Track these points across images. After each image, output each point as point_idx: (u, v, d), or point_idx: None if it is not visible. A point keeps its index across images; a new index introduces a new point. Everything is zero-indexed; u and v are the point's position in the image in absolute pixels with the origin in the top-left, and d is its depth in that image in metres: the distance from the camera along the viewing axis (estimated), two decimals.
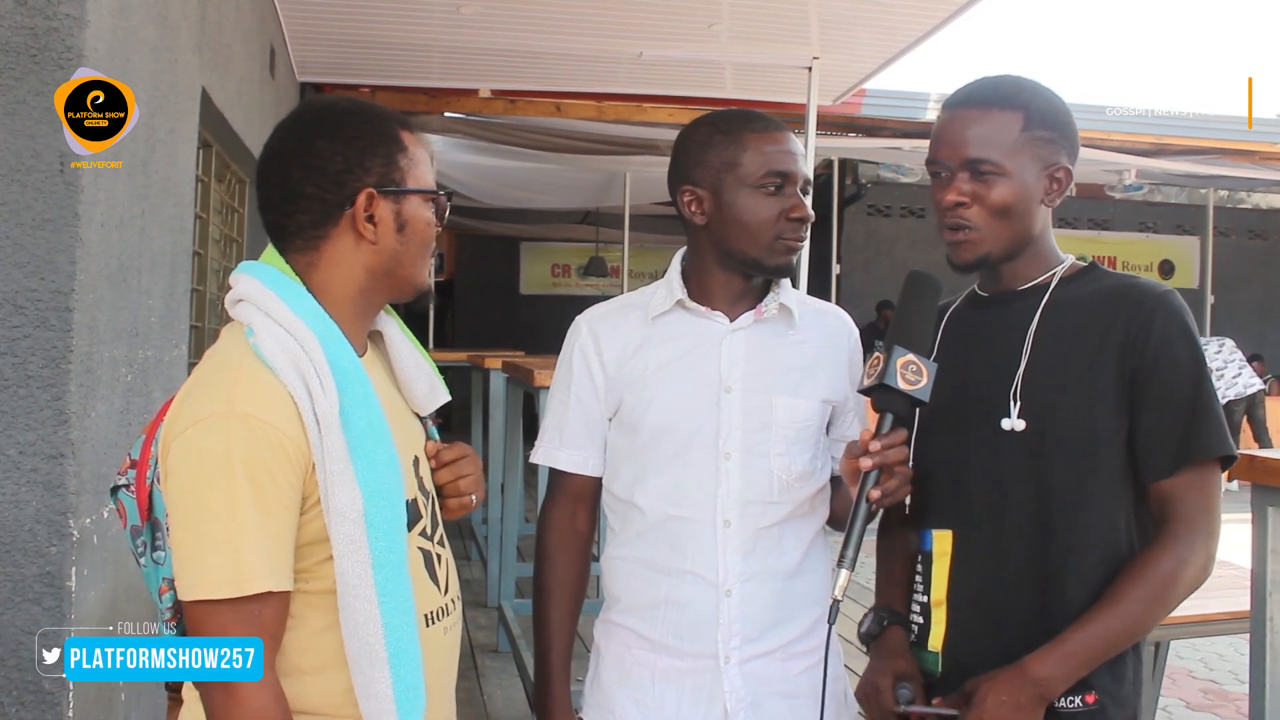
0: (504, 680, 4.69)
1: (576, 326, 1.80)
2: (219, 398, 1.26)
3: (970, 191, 1.51)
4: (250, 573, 1.22)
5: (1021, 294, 1.56)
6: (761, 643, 1.68)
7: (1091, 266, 1.59)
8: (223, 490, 1.22)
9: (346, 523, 1.27)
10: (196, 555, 1.23)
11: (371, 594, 1.27)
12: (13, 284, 1.99)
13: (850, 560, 1.43)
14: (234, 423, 1.24)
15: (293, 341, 1.30)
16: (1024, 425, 1.48)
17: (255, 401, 1.25)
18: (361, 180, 1.35)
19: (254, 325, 1.31)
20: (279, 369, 1.27)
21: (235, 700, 1.22)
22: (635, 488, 1.71)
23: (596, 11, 5.51)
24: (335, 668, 1.30)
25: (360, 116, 1.39)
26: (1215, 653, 5.30)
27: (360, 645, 1.27)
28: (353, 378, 1.32)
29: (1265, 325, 13.37)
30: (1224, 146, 9.31)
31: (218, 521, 1.22)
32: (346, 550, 1.27)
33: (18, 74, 1.99)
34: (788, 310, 1.73)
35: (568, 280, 14.84)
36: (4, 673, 1.97)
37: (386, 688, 1.28)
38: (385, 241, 1.37)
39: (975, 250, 1.53)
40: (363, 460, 1.29)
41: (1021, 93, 1.53)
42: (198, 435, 1.24)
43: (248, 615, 1.22)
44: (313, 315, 1.33)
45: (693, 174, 1.71)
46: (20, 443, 1.99)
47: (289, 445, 1.25)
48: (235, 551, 1.22)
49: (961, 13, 5.28)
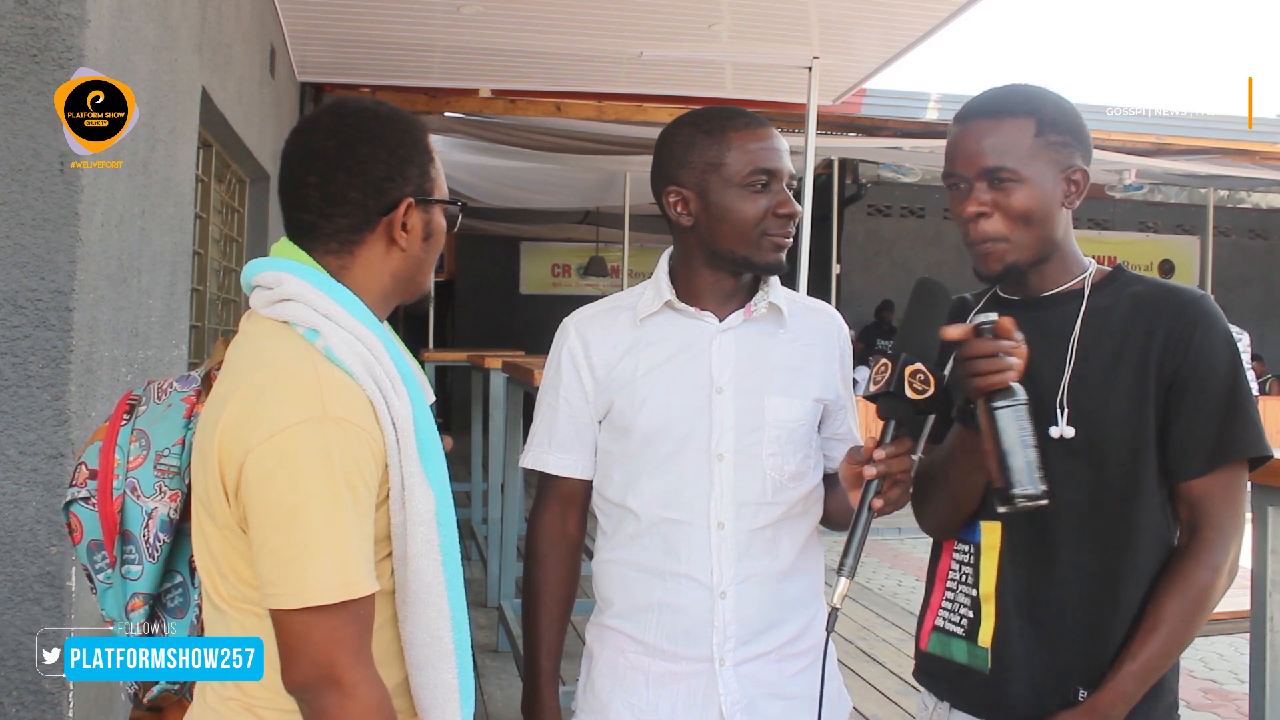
0: (504, 680, 4.69)
1: (564, 329, 1.79)
2: (309, 402, 1.24)
3: (990, 201, 1.51)
4: (356, 576, 1.22)
5: (1055, 299, 1.56)
6: (756, 644, 1.68)
7: (1119, 270, 1.59)
8: (325, 495, 1.22)
9: (422, 523, 1.30)
10: (299, 560, 1.21)
11: (442, 589, 1.32)
12: (13, 284, 1.99)
13: (850, 568, 1.42)
14: (330, 426, 1.23)
15: (360, 345, 1.31)
16: (1074, 432, 1.48)
17: (345, 405, 1.26)
18: (402, 189, 1.38)
19: (319, 328, 1.30)
20: (356, 373, 1.28)
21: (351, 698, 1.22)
22: (628, 491, 1.70)
23: (596, 11, 5.51)
24: (386, 663, 1.32)
25: (400, 124, 1.41)
26: (1215, 653, 5.30)
27: (430, 639, 1.32)
28: (415, 382, 1.36)
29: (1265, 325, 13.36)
30: (1224, 146, 9.30)
31: (322, 527, 1.21)
32: (423, 549, 1.31)
33: (18, 74, 1.99)
34: (777, 309, 1.73)
35: (568, 280, 14.84)
36: (4, 673, 1.97)
37: (452, 678, 1.34)
38: (414, 249, 1.40)
39: (1003, 260, 1.53)
40: (430, 462, 1.33)
41: (1031, 99, 1.54)
42: (291, 441, 1.22)
43: (355, 617, 1.23)
44: (369, 320, 1.34)
45: (677, 175, 1.70)
46: (20, 443, 1.99)
47: (376, 449, 1.27)
48: (342, 556, 1.21)
49: (961, 12, 5.28)
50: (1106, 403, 1.49)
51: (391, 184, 1.37)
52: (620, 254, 10.69)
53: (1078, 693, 1.49)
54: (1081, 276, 1.57)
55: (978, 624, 1.55)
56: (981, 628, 1.55)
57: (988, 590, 1.54)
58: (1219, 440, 1.47)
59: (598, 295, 1.94)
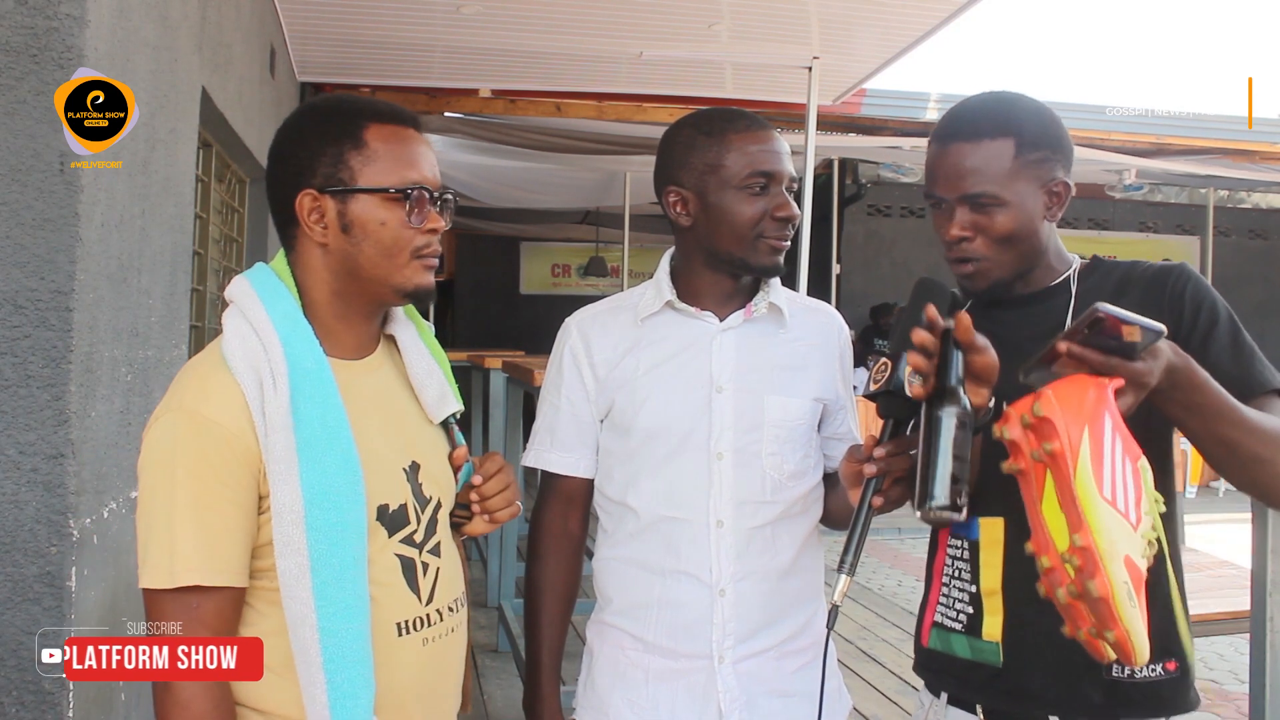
0: (504, 680, 4.69)
1: (566, 328, 1.80)
2: (175, 396, 1.30)
3: (972, 223, 1.53)
4: (183, 565, 1.24)
5: (1044, 294, 1.58)
6: (755, 642, 1.68)
7: (1098, 260, 1.62)
8: (165, 484, 1.26)
9: (285, 523, 1.27)
10: (144, 545, 1.27)
11: (308, 596, 1.26)
12: (13, 284, 1.99)
13: (850, 565, 1.42)
14: (181, 419, 1.27)
15: (256, 340, 1.31)
16: None
17: (205, 399, 1.28)
18: (308, 181, 1.36)
19: (227, 326, 1.34)
20: (235, 368, 1.30)
21: (170, 693, 1.25)
22: (628, 489, 1.71)
23: (596, 11, 5.51)
24: (286, 671, 1.30)
25: (324, 115, 1.39)
26: (1215, 653, 5.30)
27: (299, 647, 1.28)
28: (312, 377, 1.31)
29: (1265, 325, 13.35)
30: (1224, 146, 9.30)
31: (160, 514, 1.26)
32: (284, 550, 1.27)
33: (18, 74, 1.99)
34: (777, 309, 1.73)
35: (568, 280, 14.83)
36: (4, 673, 1.97)
37: (322, 693, 1.26)
38: (335, 243, 1.37)
39: (987, 279, 1.56)
40: (310, 461, 1.28)
41: (1011, 118, 1.53)
42: (152, 432, 1.29)
43: (184, 606, 1.25)
44: (284, 315, 1.34)
45: (677, 175, 1.71)
46: (20, 443, 1.99)
47: (234, 442, 1.27)
48: (171, 543, 1.25)
49: (961, 12, 5.27)
50: None
51: (299, 177, 1.36)
52: (620, 254, 10.69)
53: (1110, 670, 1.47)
54: (1066, 273, 1.60)
55: (979, 619, 1.55)
56: (986, 622, 1.55)
57: (991, 586, 1.54)
58: (1245, 380, 1.46)
59: (598, 295, 1.94)
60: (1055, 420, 1.19)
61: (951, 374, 1.35)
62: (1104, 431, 1.20)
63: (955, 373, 1.36)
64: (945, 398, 1.34)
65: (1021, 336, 1.51)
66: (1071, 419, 1.19)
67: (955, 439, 1.32)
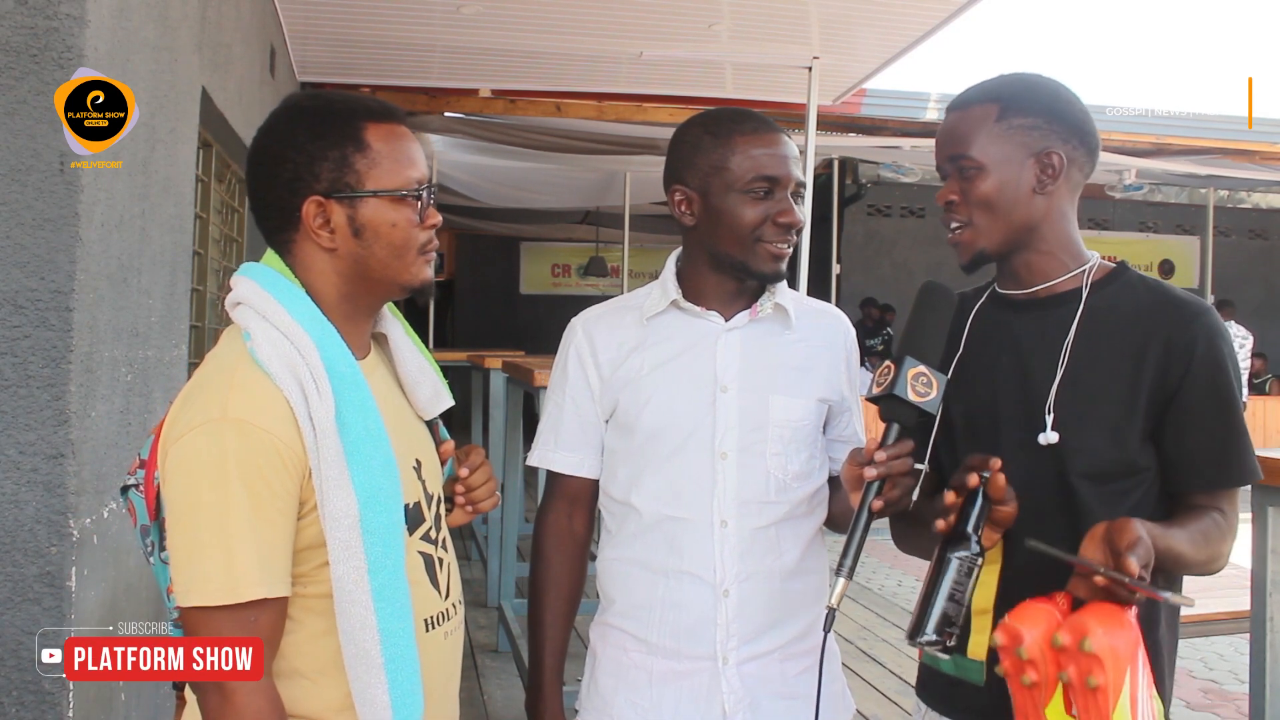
0: (504, 680, 4.69)
1: (572, 328, 1.80)
2: (214, 404, 1.25)
3: (958, 189, 1.53)
4: (244, 580, 1.22)
5: (1055, 301, 1.54)
6: (759, 643, 1.68)
7: (1123, 268, 1.57)
8: (217, 497, 1.22)
9: (341, 528, 1.26)
10: (191, 561, 1.22)
11: (368, 600, 1.27)
12: (13, 284, 1.99)
13: (849, 569, 1.41)
14: (228, 429, 1.23)
15: (289, 345, 1.28)
16: (1057, 438, 1.47)
17: (250, 407, 1.25)
18: (311, 187, 1.33)
19: (251, 329, 1.30)
20: (275, 374, 1.26)
21: (230, 702, 1.22)
22: (632, 489, 1.71)
23: (596, 11, 5.51)
24: (334, 672, 1.30)
25: (319, 117, 1.36)
26: (1215, 653, 5.30)
27: (357, 651, 1.27)
28: (349, 382, 1.31)
29: (1265, 325, 13.36)
30: (1224, 146, 9.30)
31: (212, 528, 1.22)
32: (342, 555, 1.26)
33: (18, 74, 1.99)
34: (783, 310, 1.73)
35: (568, 280, 14.84)
36: (4, 673, 1.97)
37: (383, 693, 1.27)
38: (345, 247, 1.35)
39: (970, 248, 1.54)
40: (359, 465, 1.28)
41: (1000, 87, 1.54)
42: (192, 442, 1.24)
43: (243, 622, 1.22)
44: (310, 318, 1.32)
45: (683, 175, 1.70)
46: (20, 443, 1.99)
47: (284, 451, 1.25)
48: (229, 558, 1.21)
49: (962, 12, 5.28)
50: (1092, 411, 1.47)
51: (300, 183, 1.33)
52: (620, 254, 10.68)
53: None
54: (1080, 271, 1.54)
55: (967, 637, 1.53)
56: (972, 640, 1.53)
57: (983, 605, 1.51)
58: (1222, 465, 1.47)
59: (598, 295, 1.95)
60: (1105, 660, 1.24)
61: (972, 520, 1.40)
62: (1139, 672, 1.27)
63: (976, 519, 1.40)
64: (959, 541, 1.39)
65: (1027, 341, 1.50)
66: (1115, 661, 1.25)
67: (955, 582, 1.38)
